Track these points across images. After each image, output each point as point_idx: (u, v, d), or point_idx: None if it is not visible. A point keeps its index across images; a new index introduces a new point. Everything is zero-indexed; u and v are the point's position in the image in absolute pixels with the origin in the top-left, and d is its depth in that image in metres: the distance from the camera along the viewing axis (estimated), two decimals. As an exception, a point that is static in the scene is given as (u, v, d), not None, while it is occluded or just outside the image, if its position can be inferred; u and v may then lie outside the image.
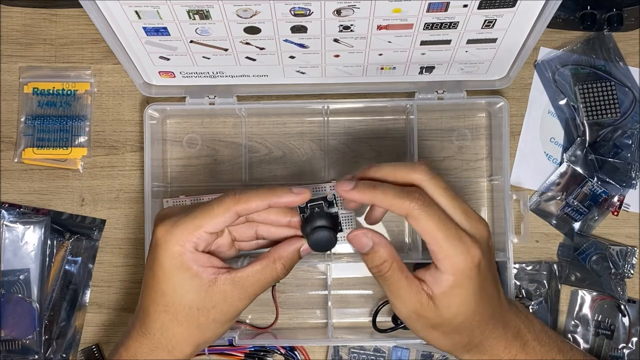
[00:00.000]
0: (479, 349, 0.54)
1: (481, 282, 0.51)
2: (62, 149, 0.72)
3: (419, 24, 0.58)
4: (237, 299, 0.53)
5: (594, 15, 0.69)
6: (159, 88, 0.70)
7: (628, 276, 0.71)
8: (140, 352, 0.54)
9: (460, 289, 0.51)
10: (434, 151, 0.73)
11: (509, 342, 0.54)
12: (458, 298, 0.51)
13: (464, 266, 0.50)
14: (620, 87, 0.71)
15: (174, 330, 0.53)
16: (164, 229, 0.52)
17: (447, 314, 0.51)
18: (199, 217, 0.52)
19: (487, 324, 0.53)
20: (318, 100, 0.71)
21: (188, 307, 0.53)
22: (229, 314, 0.54)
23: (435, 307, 0.51)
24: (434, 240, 0.50)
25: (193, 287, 0.52)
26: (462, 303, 0.51)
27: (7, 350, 0.68)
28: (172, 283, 0.52)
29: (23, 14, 0.74)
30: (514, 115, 0.73)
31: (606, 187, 0.71)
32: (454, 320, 0.52)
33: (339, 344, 0.71)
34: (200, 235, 0.52)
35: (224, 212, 0.52)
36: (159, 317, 0.53)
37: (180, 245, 0.52)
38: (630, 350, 0.70)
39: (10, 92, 0.74)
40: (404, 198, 0.50)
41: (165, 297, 0.53)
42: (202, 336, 0.54)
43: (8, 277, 0.69)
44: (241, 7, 0.55)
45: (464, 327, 0.53)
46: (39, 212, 0.72)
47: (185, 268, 0.52)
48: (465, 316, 0.52)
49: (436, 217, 0.50)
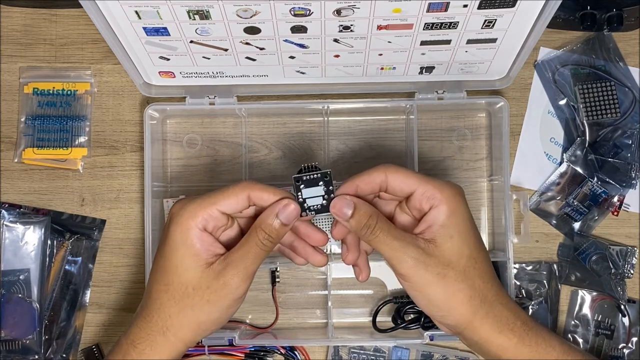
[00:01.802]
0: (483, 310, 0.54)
1: (470, 217, 0.55)
2: (62, 149, 0.72)
3: (419, 24, 0.58)
4: (229, 276, 0.54)
5: (594, 15, 0.69)
6: (159, 88, 0.70)
7: (628, 276, 0.71)
8: (139, 338, 0.55)
9: (456, 216, 0.54)
10: (434, 151, 0.73)
11: (512, 317, 0.55)
12: (456, 225, 0.54)
13: (451, 192, 0.54)
14: (620, 87, 0.71)
15: (170, 310, 0.55)
16: (180, 205, 0.55)
17: (451, 246, 0.53)
18: (213, 195, 0.55)
19: (490, 276, 0.55)
20: (318, 100, 0.71)
21: (185, 285, 0.54)
22: (223, 294, 0.54)
23: (437, 246, 0.53)
24: (419, 182, 0.54)
25: (192, 265, 0.54)
26: (461, 230, 0.54)
27: (7, 350, 0.68)
28: (174, 259, 0.54)
29: (23, 14, 0.74)
30: (514, 115, 0.73)
31: (606, 187, 0.71)
32: (458, 252, 0.54)
33: (339, 344, 0.71)
34: (212, 212, 0.54)
35: (238, 193, 0.54)
36: (159, 297, 0.55)
37: (191, 219, 0.54)
38: (630, 350, 0.70)
39: (10, 92, 0.74)
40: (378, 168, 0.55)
41: (167, 274, 0.55)
42: (195, 318, 0.55)
43: (8, 277, 0.69)
44: (241, 7, 0.55)
45: (469, 266, 0.54)
46: (39, 212, 0.72)
47: (189, 244, 0.54)
48: (467, 246, 0.54)
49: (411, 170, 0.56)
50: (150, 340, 0.55)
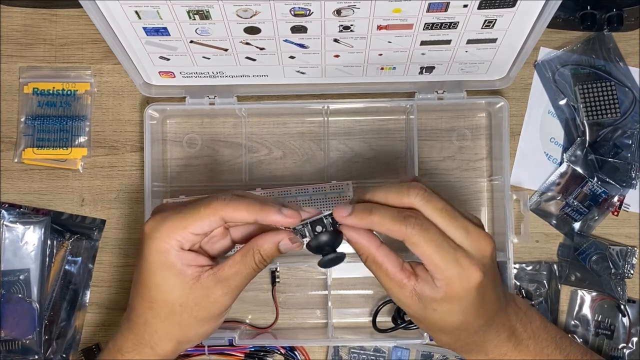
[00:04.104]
0: (469, 347, 0.54)
1: (479, 301, 0.51)
2: (62, 149, 0.72)
3: (419, 24, 0.58)
4: (220, 293, 0.53)
5: (594, 15, 0.69)
6: (159, 88, 0.70)
7: (628, 276, 0.71)
8: (126, 347, 0.55)
9: (451, 304, 0.51)
10: (434, 151, 0.73)
11: (501, 342, 0.54)
12: (447, 310, 0.51)
13: (460, 288, 0.50)
14: (620, 87, 0.71)
15: (157, 327, 0.54)
16: (152, 224, 0.52)
17: (432, 316, 0.52)
18: (185, 217, 0.52)
19: (477, 331, 0.53)
20: (318, 100, 0.71)
21: (171, 303, 0.53)
22: (212, 310, 0.53)
23: (421, 304, 0.51)
24: (431, 263, 0.50)
25: (176, 284, 0.52)
26: (450, 314, 0.51)
27: (7, 350, 0.68)
28: (156, 279, 0.53)
29: (23, 14, 0.74)
30: (514, 115, 0.73)
31: (606, 187, 0.71)
32: (439, 324, 0.52)
33: (339, 344, 0.71)
34: (185, 235, 0.52)
35: (210, 216, 0.51)
36: (144, 313, 0.54)
37: (165, 242, 0.52)
38: (630, 350, 0.70)
39: (10, 92, 0.74)
40: (401, 223, 0.49)
41: (150, 292, 0.53)
42: (184, 334, 0.54)
43: (8, 277, 0.69)
44: (241, 7, 0.55)
45: (449, 331, 0.53)
46: (39, 212, 0.72)
47: (170, 265, 0.52)
48: (452, 325, 0.52)
49: (433, 242, 0.49)
50: (137, 350, 0.55)
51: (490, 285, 0.52)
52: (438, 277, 0.50)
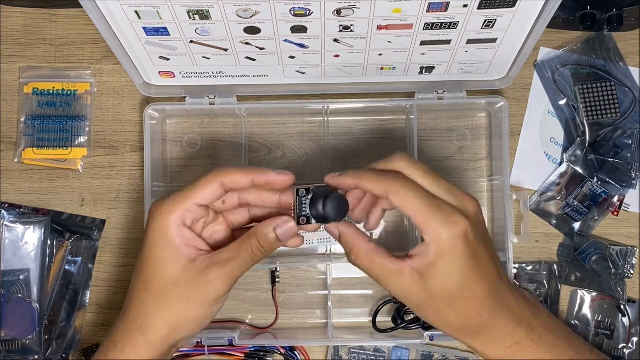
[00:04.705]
0: (481, 333, 0.53)
1: (470, 255, 0.50)
2: (62, 149, 0.72)
3: (419, 24, 0.58)
4: (214, 276, 0.53)
5: (594, 15, 0.69)
6: (159, 88, 0.70)
7: (628, 276, 0.71)
8: (119, 337, 0.55)
9: (445, 259, 0.50)
10: (434, 151, 0.73)
11: (514, 327, 0.53)
12: (443, 269, 0.50)
13: (447, 235, 0.50)
14: (620, 87, 0.71)
15: (149, 307, 0.54)
16: (157, 203, 0.54)
17: (434, 285, 0.51)
18: (187, 189, 0.54)
19: (484, 305, 0.52)
20: (318, 100, 0.71)
21: (164, 281, 0.53)
22: (204, 293, 0.53)
23: (422, 280, 0.51)
24: (416, 212, 0.50)
25: (171, 260, 0.53)
26: (448, 274, 0.50)
27: (7, 350, 0.68)
28: (153, 256, 0.54)
29: (23, 14, 0.74)
30: (514, 115, 0.73)
31: (606, 187, 0.71)
32: (442, 293, 0.51)
33: (339, 344, 0.71)
34: (188, 206, 0.53)
35: (210, 182, 0.53)
36: (139, 295, 0.55)
37: (167, 217, 0.53)
38: (630, 350, 0.70)
39: (10, 92, 0.74)
40: (387, 177, 0.52)
41: (146, 271, 0.54)
42: (173, 315, 0.54)
43: (8, 277, 0.69)
44: (241, 7, 0.55)
45: (457, 304, 0.51)
46: (39, 212, 0.72)
47: (168, 240, 0.53)
48: (454, 290, 0.51)
49: (415, 190, 0.51)
50: (129, 339, 0.55)
51: (481, 244, 0.51)
52: (424, 228, 0.50)
